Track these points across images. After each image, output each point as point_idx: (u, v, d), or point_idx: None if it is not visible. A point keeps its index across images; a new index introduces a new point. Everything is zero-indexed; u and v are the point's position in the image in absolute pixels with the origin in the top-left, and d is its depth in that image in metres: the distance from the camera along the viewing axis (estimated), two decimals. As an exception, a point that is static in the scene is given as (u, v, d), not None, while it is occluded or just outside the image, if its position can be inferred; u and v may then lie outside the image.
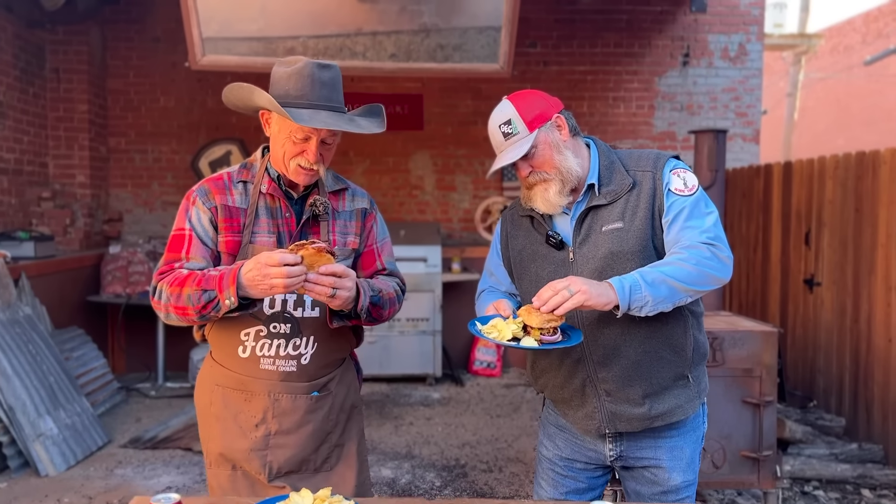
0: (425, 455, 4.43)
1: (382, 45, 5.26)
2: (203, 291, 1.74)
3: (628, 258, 1.82)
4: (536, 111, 1.85)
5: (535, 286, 1.88)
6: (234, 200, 1.90)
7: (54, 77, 6.17)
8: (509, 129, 1.83)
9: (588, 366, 1.90)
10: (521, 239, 2.00)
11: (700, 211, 1.83)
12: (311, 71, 1.81)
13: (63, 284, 5.51)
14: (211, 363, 2.01)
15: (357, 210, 2.02)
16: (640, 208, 1.84)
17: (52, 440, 4.14)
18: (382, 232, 2.09)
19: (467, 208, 6.88)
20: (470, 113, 6.79)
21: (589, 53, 6.79)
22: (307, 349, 1.92)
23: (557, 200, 1.86)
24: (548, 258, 1.92)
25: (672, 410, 1.89)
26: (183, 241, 1.88)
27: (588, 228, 1.87)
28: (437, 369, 6.04)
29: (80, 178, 6.20)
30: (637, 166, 1.90)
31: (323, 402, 1.96)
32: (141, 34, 6.52)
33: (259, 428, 1.92)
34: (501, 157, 1.86)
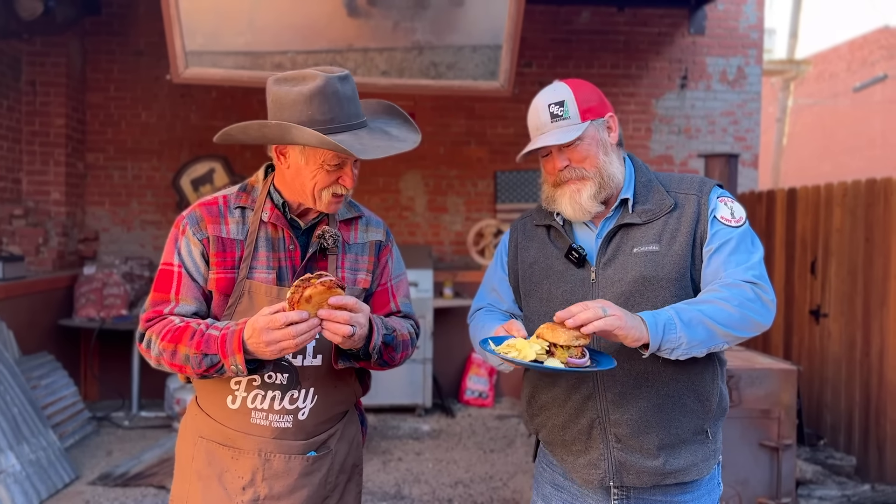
0: (416, 495, 4.17)
1: (374, 61, 5.09)
2: (204, 355, 1.53)
3: (662, 285, 1.62)
4: (593, 102, 1.70)
5: (545, 306, 1.70)
6: (229, 231, 1.67)
7: (30, 90, 5.91)
8: (560, 110, 1.67)
9: (600, 404, 1.66)
10: (534, 251, 1.81)
11: (746, 246, 1.65)
12: (335, 88, 1.56)
13: (33, 307, 5.21)
14: (195, 411, 1.75)
15: (371, 243, 1.78)
16: (681, 233, 1.66)
17: (13, 478, 3.83)
18: (398, 268, 1.85)
19: (459, 230, 6.67)
20: (463, 133, 6.61)
21: (585, 74, 6.64)
22: (306, 403, 1.67)
23: (589, 205, 1.68)
24: (564, 276, 1.72)
25: (687, 468, 1.67)
26: (171, 279, 1.65)
27: (616, 248, 1.68)
28: (427, 399, 5.78)
29: (54, 195, 5.91)
30: (679, 188, 1.73)
31: (321, 462, 1.69)
32: (123, 47, 6.28)
33: (246, 491, 1.66)
34: (544, 138, 1.67)
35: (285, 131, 1.55)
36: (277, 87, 1.59)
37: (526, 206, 6.60)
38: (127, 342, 5.61)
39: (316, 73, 1.57)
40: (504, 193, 6.61)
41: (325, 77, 1.56)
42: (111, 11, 6.24)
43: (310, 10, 4.85)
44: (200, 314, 1.66)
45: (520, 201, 6.57)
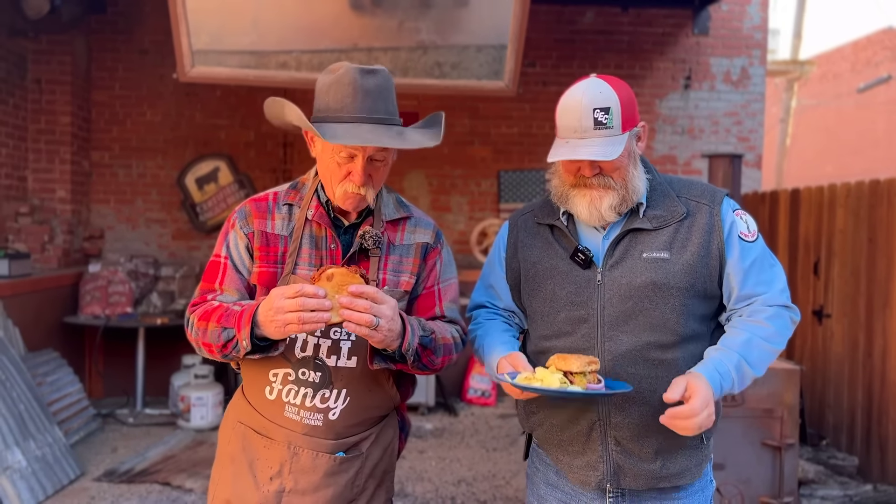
0: (419, 493, 4.19)
1: (378, 61, 5.10)
2: (223, 329, 1.55)
3: (672, 293, 1.61)
4: (633, 110, 1.61)
5: (550, 306, 1.68)
6: (275, 226, 1.69)
7: (36, 88, 5.93)
8: (605, 118, 1.55)
9: (601, 407, 1.65)
10: (537, 250, 1.75)
11: (769, 262, 1.68)
12: (353, 78, 1.56)
13: (39, 305, 5.23)
14: (239, 397, 1.79)
15: (417, 245, 1.74)
16: (692, 242, 1.63)
17: (19, 474, 3.86)
18: (448, 271, 1.80)
19: (462, 230, 6.69)
20: (466, 132, 6.62)
21: (589, 74, 6.64)
22: (337, 403, 1.66)
23: (608, 215, 1.63)
24: (569, 276, 1.68)
25: (682, 473, 1.68)
26: (218, 270, 1.70)
27: (625, 251, 1.65)
28: (430, 398, 5.80)
29: (60, 192, 5.94)
30: (689, 194, 1.69)
31: (349, 464, 1.68)
32: (128, 45, 6.30)
33: (273, 482, 1.67)
34: (587, 149, 1.54)
35: (281, 107, 1.61)
36: (320, 77, 1.64)
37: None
38: (132, 340, 5.63)
39: (346, 64, 1.60)
40: (507, 193, 6.63)
41: (348, 68, 1.58)
42: (116, 10, 6.26)
43: (315, 10, 4.87)
44: None
45: (523, 200, 6.58)
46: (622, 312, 1.61)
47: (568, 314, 1.66)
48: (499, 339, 1.75)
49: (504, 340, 1.75)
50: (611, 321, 1.62)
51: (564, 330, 1.67)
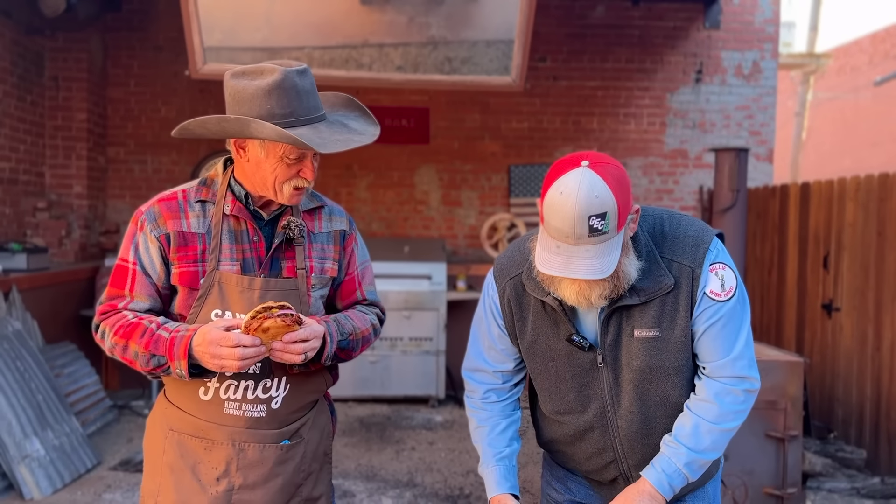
0: (427, 483, 4.24)
1: (389, 56, 5.14)
2: (152, 356, 1.58)
3: (669, 374, 1.58)
4: (626, 199, 1.44)
5: (556, 386, 1.67)
6: (190, 225, 1.67)
7: (53, 85, 6.04)
8: (601, 224, 1.40)
9: (620, 464, 1.69)
10: (531, 327, 1.65)
11: (735, 321, 1.57)
12: (293, 82, 1.57)
13: (56, 298, 5.34)
14: (164, 404, 1.75)
15: (335, 232, 1.80)
16: (679, 315, 1.56)
17: (38, 462, 3.96)
18: (362, 255, 1.87)
19: (473, 224, 6.73)
20: (477, 127, 6.65)
21: (600, 69, 6.66)
22: (279, 391, 1.69)
23: (598, 303, 1.52)
24: (571, 359, 1.63)
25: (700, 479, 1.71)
26: (126, 275, 1.67)
27: (618, 330, 1.58)
28: (441, 391, 5.86)
29: (77, 188, 6.05)
30: (674, 255, 1.56)
31: (294, 451, 1.72)
32: (142, 43, 6.40)
33: (220, 482, 1.68)
34: (584, 263, 1.41)
35: (244, 125, 1.56)
36: (235, 81, 1.59)
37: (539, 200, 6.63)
38: (147, 332, 5.73)
39: (274, 66, 1.59)
40: (518, 187, 6.66)
41: (284, 71, 1.57)
42: (131, 7, 6.35)
43: (326, 6, 4.92)
44: (154, 311, 1.69)
45: (533, 195, 6.61)
46: (627, 391, 1.61)
47: (577, 395, 1.66)
48: (496, 454, 1.73)
49: (502, 465, 1.73)
50: (619, 399, 1.62)
51: (576, 408, 1.67)
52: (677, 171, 6.75)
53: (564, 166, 1.46)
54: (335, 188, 6.58)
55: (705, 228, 1.61)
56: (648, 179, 6.73)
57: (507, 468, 1.73)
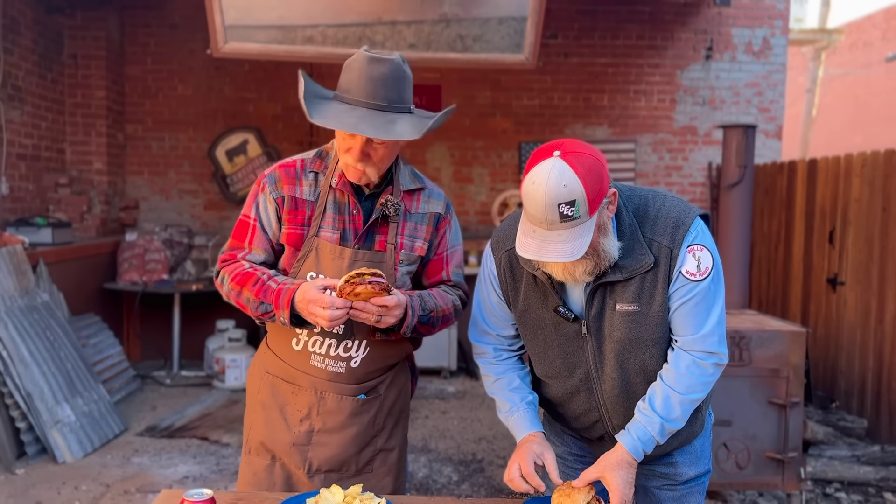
0: (441, 449, 4.41)
1: (402, 34, 5.21)
2: (261, 303, 1.77)
3: (646, 345, 1.69)
4: (598, 186, 1.50)
5: (544, 352, 1.79)
6: (303, 192, 1.84)
7: (72, 63, 6.15)
8: (571, 210, 1.47)
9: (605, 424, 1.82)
10: (522, 297, 1.75)
11: (708, 300, 1.66)
12: (361, 65, 1.70)
13: (80, 271, 5.50)
14: (265, 349, 1.97)
15: (430, 214, 1.90)
16: (658, 291, 1.65)
17: (69, 427, 4.14)
18: (455, 239, 1.96)
19: (484, 201, 6.83)
20: (489, 104, 6.73)
21: (610, 45, 6.71)
22: (358, 352, 1.86)
23: (582, 278, 1.61)
24: (558, 329, 1.73)
25: (685, 437, 1.83)
26: (247, 230, 1.87)
27: (601, 303, 1.68)
28: (453, 362, 6.01)
29: (97, 164, 6.18)
30: (654, 234, 1.64)
31: (370, 405, 1.90)
32: (159, 21, 6.48)
33: (303, 423, 1.88)
34: (555, 247, 1.50)
35: (300, 84, 1.74)
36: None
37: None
38: (168, 305, 5.90)
39: (362, 51, 1.74)
40: (528, 164, 6.75)
41: (360, 54, 1.72)
42: (148, -14, 6.44)
43: (340, -16, 4.97)
44: (268, 263, 1.88)
45: (544, 172, 6.69)
46: (610, 359, 1.73)
47: (563, 361, 1.78)
48: (522, 399, 1.82)
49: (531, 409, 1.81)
50: (602, 366, 1.74)
51: (563, 373, 1.79)
52: (686, 148, 6.82)
53: (539, 156, 1.52)
54: (348, 165, 6.69)
55: (688, 209, 1.67)
56: (658, 156, 6.80)
57: (533, 412, 1.83)
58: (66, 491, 3.67)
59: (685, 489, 1.88)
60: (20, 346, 4.08)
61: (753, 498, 3.77)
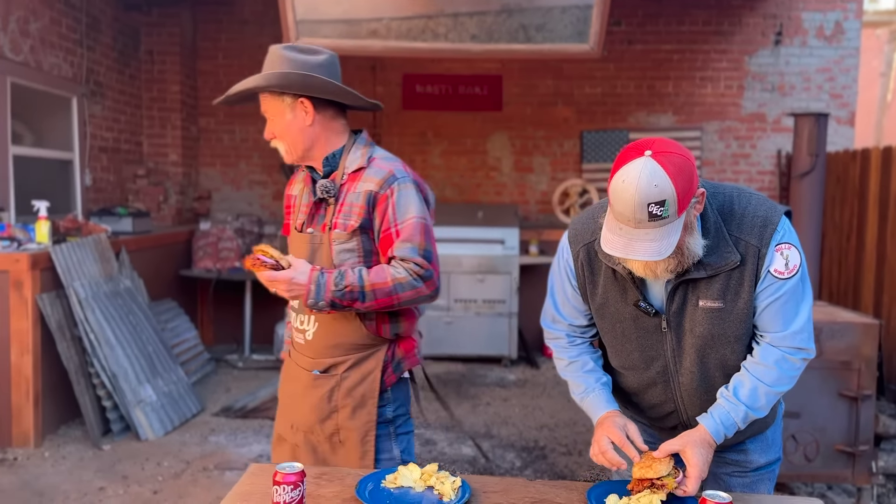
0: (504, 435, 4.48)
1: (464, 25, 5.25)
2: None
3: (728, 341, 1.71)
4: (688, 186, 1.50)
5: (622, 344, 1.81)
6: (293, 188, 2.13)
7: (148, 59, 6.42)
8: (660, 210, 1.47)
9: (680, 415, 1.84)
10: (601, 290, 1.77)
11: (797, 297, 1.67)
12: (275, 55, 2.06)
13: (158, 259, 5.77)
14: None
15: (364, 192, 1.94)
16: (744, 289, 1.65)
17: (151, 406, 4.37)
18: (402, 213, 1.93)
19: (545, 190, 6.84)
20: (550, 93, 6.73)
21: (676, 32, 6.61)
22: (309, 327, 2.01)
23: (664, 276, 1.62)
24: (637, 322, 1.75)
25: (758, 426, 1.85)
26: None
27: (683, 299, 1.69)
28: (513, 351, 6.07)
29: (172, 156, 6.45)
30: (741, 233, 1.65)
31: (324, 381, 1.98)
32: (230, 16, 6.70)
33: (283, 383, 2.14)
34: (642, 245, 1.51)
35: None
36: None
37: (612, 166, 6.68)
38: (240, 292, 6.13)
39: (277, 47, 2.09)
40: (590, 153, 6.72)
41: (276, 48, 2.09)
42: (219, -17, 6.66)
43: (403, -23, 5.05)
44: None
45: (606, 161, 6.67)
46: (689, 354, 1.75)
47: (641, 354, 1.79)
48: (597, 380, 1.85)
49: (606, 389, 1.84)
50: (681, 360, 1.76)
51: (640, 365, 1.81)
52: (755, 136, 6.67)
53: (628, 154, 1.53)
54: (410, 155, 6.79)
55: (774, 208, 1.67)
56: (725, 144, 6.68)
57: (609, 392, 1.86)
58: (149, 467, 3.89)
59: (755, 476, 1.90)
60: (106, 329, 4.33)
61: (822, 490, 3.72)
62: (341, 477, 1.82)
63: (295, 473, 1.53)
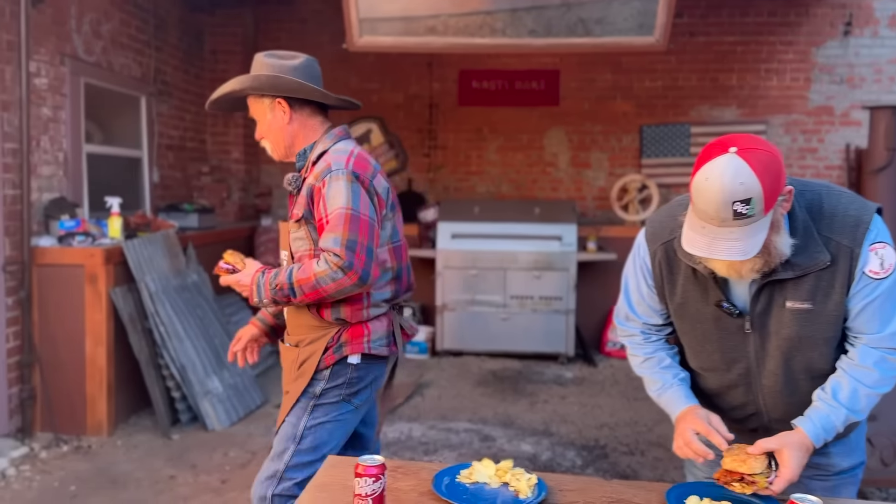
0: (563, 433, 4.45)
1: (522, 20, 5.22)
2: None
3: (816, 343, 1.66)
4: (775, 183, 1.46)
5: (702, 345, 1.77)
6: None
7: (212, 58, 6.58)
8: (746, 208, 1.43)
9: (762, 417, 1.80)
10: (680, 290, 1.73)
11: (893, 297, 1.62)
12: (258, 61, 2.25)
13: (222, 254, 5.89)
14: None
15: (309, 185, 2.11)
16: (835, 291, 1.60)
17: (217, 398, 4.49)
18: (332, 204, 2.04)
19: (602, 186, 6.77)
20: (609, 87, 6.64)
21: (739, 23, 6.45)
22: (286, 309, 2.28)
23: (749, 276, 1.58)
24: (719, 323, 1.70)
25: (844, 430, 1.76)
26: None
27: (769, 300, 1.64)
28: (570, 349, 6.02)
29: (234, 154, 6.60)
30: (833, 231, 1.59)
31: (290, 353, 2.22)
32: (290, 16, 6.81)
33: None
34: (726, 244, 1.47)
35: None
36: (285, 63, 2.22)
37: (672, 160, 6.57)
38: (298, 286, 6.24)
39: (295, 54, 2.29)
40: (650, 148, 6.61)
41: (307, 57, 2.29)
42: (279, -17, 6.78)
43: (461, -27, 5.05)
44: None
45: (666, 155, 6.55)
46: (774, 357, 1.70)
47: (722, 356, 1.74)
48: (675, 375, 1.82)
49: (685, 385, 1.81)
50: (763, 362, 1.71)
51: (720, 367, 1.77)
52: (822, 129, 6.47)
53: (712, 152, 1.49)
54: (466, 151, 6.80)
55: (865, 206, 1.62)
56: (791, 138, 6.49)
57: (687, 388, 1.82)
58: (216, 456, 4.00)
59: (837, 480, 1.85)
60: (175, 322, 4.46)
61: (898, 498, 3.59)
62: (416, 471, 1.84)
63: (376, 466, 1.55)
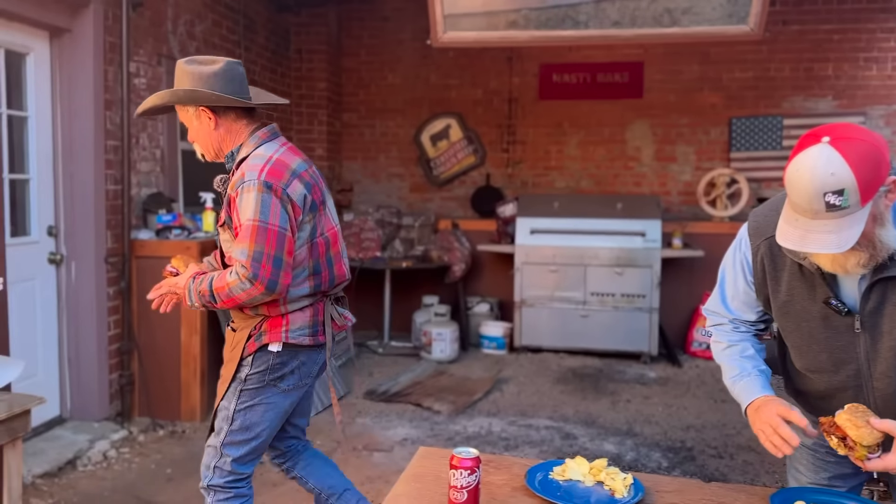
0: (647, 434, 4.36)
1: (605, 12, 5.12)
2: None
3: None
4: (873, 173, 1.40)
5: (808, 345, 1.69)
6: None
7: (297, 57, 6.74)
8: (839, 200, 1.39)
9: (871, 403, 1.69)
10: (785, 287, 1.66)
11: None
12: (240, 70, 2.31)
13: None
14: None
15: (227, 193, 2.21)
16: None
17: (302, 388, 4.60)
18: (243, 215, 2.11)
19: (688, 180, 6.57)
20: (695, 79, 6.44)
21: (836, 10, 6.13)
22: None
23: (854, 271, 1.51)
24: (827, 321, 1.63)
25: None
26: None
27: (881, 297, 1.56)
28: (653, 348, 5.88)
29: (318, 150, 6.75)
30: None
31: (231, 336, 2.36)
32: (372, 14, 6.91)
33: None
34: (819, 237, 1.42)
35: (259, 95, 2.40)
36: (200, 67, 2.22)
37: (763, 154, 6.32)
38: (380, 280, 6.34)
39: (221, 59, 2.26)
40: (739, 141, 6.38)
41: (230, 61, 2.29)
42: (362, -18, 6.88)
43: (544, -34, 4.99)
44: None
45: (757, 149, 6.31)
46: (886, 358, 1.61)
47: (829, 356, 1.67)
48: (755, 366, 1.76)
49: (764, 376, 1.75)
50: (875, 364, 1.62)
51: (828, 368, 1.69)
52: (928, 120, 6.09)
53: (805, 142, 1.45)
54: (545, 146, 6.73)
55: None
56: (891, 130, 6.14)
57: (766, 380, 1.75)
58: (302, 444, 4.10)
59: None
60: (263, 313, 4.60)
61: None
62: (508, 465, 1.84)
63: (471, 459, 1.56)
